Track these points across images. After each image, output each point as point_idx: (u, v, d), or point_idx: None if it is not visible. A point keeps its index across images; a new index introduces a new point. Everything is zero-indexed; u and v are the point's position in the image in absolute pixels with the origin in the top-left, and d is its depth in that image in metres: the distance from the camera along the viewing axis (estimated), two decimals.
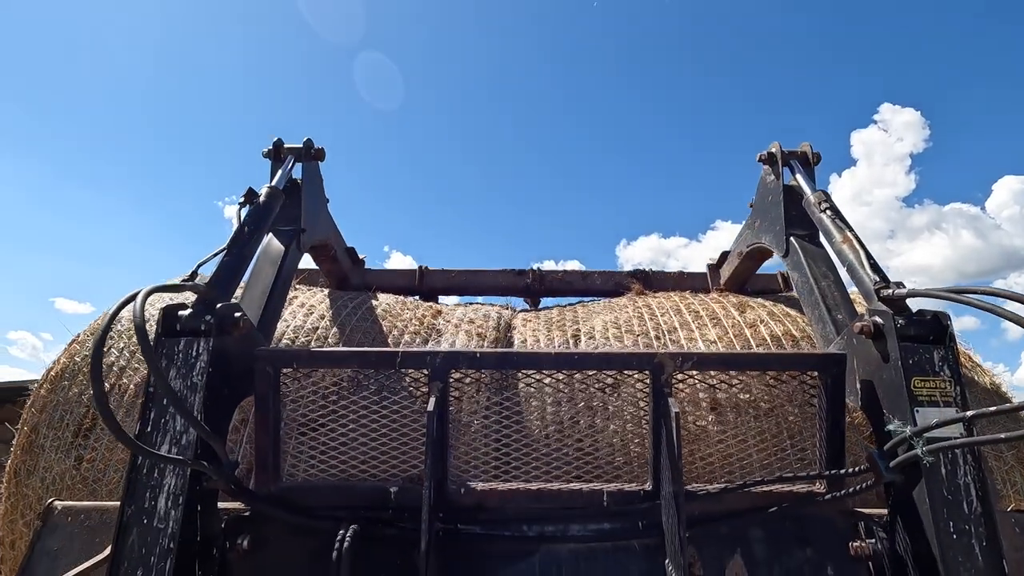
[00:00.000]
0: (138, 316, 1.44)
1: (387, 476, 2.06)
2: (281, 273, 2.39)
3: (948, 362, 1.74)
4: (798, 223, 2.59)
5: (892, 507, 1.78)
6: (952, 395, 1.71)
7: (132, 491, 1.61)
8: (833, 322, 2.19)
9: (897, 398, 1.74)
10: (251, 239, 2.20)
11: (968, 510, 1.61)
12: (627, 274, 3.68)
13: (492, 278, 3.73)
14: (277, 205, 2.43)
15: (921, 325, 1.78)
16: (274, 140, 2.74)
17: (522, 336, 2.96)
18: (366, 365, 1.91)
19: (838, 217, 2.26)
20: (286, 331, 2.67)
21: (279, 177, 2.57)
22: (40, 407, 2.46)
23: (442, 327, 2.93)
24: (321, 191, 3.01)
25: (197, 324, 1.77)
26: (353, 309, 2.92)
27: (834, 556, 1.84)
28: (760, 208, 2.89)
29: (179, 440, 1.65)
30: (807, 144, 2.72)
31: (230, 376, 1.81)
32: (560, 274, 3.75)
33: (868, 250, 2.06)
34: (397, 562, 1.83)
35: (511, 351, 1.93)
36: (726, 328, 2.71)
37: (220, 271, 2.00)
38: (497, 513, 1.90)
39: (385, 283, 3.59)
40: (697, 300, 3.06)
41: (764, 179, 2.86)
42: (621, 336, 2.80)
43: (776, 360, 1.94)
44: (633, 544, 1.86)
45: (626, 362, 1.92)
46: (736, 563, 1.84)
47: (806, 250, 2.48)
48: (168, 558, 1.54)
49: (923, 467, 1.63)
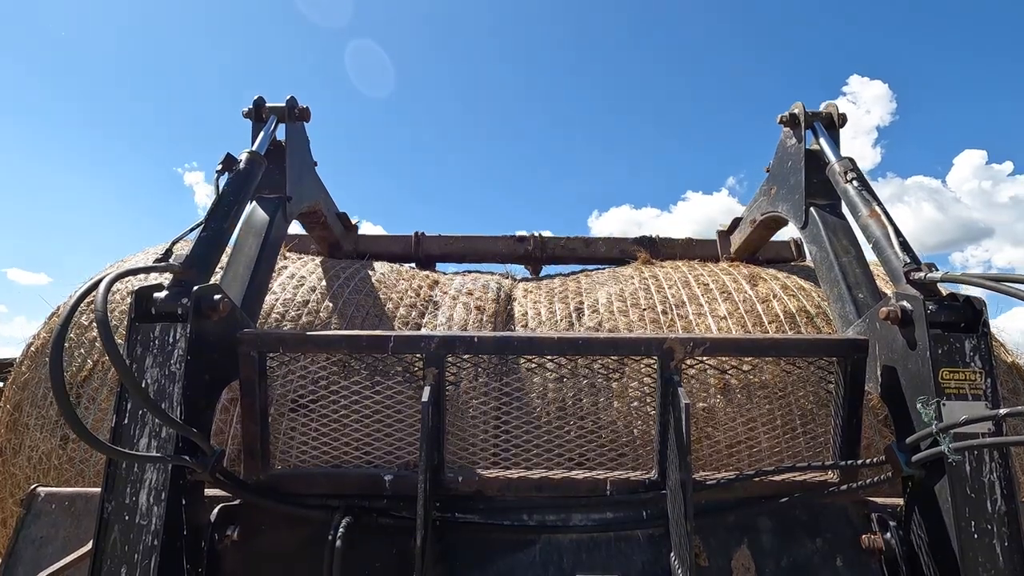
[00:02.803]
0: (100, 308, 1.31)
1: (381, 462, 1.99)
2: (266, 245, 2.24)
3: (980, 352, 1.62)
4: (819, 192, 2.42)
5: (909, 500, 1.70)
6: (982, 387, 1.60)
7: (111, 486, 1.53)
8: (853, 302, 2.06)
9: (923, 389, 1.62)
10: (232, 210, 2.03)
11: (992, 509, 1.53)
12: (632, 241, 3.52)
13: (491, 244, 3.57)
14: (259, 171, 2.25)
15: (953, 311, 1.65)
16: (255, 98, 2.53)
17: (523, 308, 2.84)
18: (357, 350, 1.79)
19: (865, 188, 2.09)
20: (275, 304, 2.55)
21: (261, 140, 2.37)
22: (22, 384, 2.37)
23: (439, 299, 2.80)
24: (308, 153, 2.81)
25: (173, 308, 1.64)
26: (346, 280, 2.79)
27: (844, 547, 1.79)
28: (778, 174, 2.70)
29: (159, 432, 1.56)
30: (833, 104, 2.51)
31: (212, 361, 1.70)
32: (563, 240, 3.58)
33: (897, 227, 1.90)
34: (393, 551, 1.78)
35: (511, 335, 1.80)
36: (737, 303, 2.58)
37: (197, 248, 1.85)
38: (497, 502, 1.84)
39: (380, 249, 3.44)
40: (706, 271, 2.91)
41: (784, 143, 2.66)
42: (626, 310, 2.67)
43: (794, 346, 1.82)
44: (637, 534, 1.80)
45: (634, 347, 1.80)
46: (743, 554, 1.79)
47: (827, 222, 2.32)
48: (152, 555, 1.47)
49: (947, 464, 1.54)
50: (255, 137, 2.44)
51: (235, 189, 2.09)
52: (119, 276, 1.45)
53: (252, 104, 2.51)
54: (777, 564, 1.77)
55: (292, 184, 2.53)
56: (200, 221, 1.92)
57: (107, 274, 1.43)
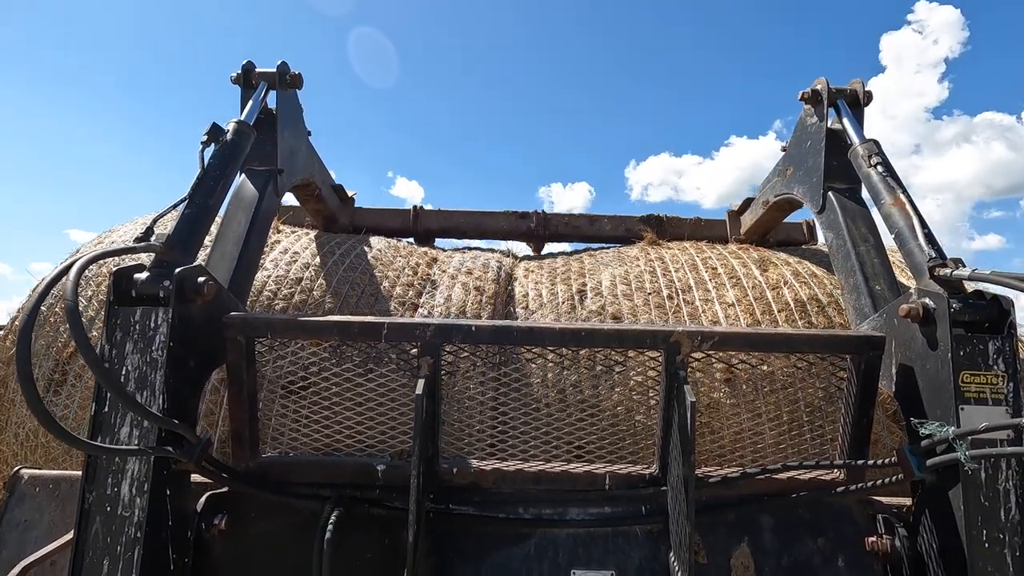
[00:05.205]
0: (70, 296, 1.22)
1: (375, 449, 1.93)
2: (256, 221, 2.13)
3: (1004, 354, 1.54)
4: (839, 175, 2.29)
5: (918, 504, 1.65)
6: (1004, 392, 1.52)
7: (92, 476, 1.47)
8: (870, 294, 1.97)
9: (940, 392, 1.55)
10: (218, 185, 1.92)
11: (1005, 518, 1.47)
12: (638, 219, 3.40)
13: (492, 220, 3.45)
14: (248, 142, 2.12)
15: (978, 310, 1.56)
16: (244, 63, 2.37)
17: (523, 289, 2.75)
18: (349, 337, 1.71)
19: (890, 174, 1.97)
20: (267, 281, 2.46)
21: (250, 108, 2.23)
22: (6, 359, 2.31)
23: (437, 278, 2.71)
24: (300, 122, 2.67)
25: (154, 290, 1.55)
26: (341, 256, 2.69)
27: (846, 547, 1.74)
28: (795, 154, 2.57)
29: (141, 420, 1.49)
30: (858, 81, 2.35)
31: (198, 346, 1.62)
32: (566, 218, 3.46)
33: (923, 217, 1.79)
34: (385, 542, 1.74)
35: (510, 324, 1.72)
36: (746, 289, 2.49)
37: (181, 226, 1.74)
38: (492, 494, 1.79)
39: (377, 223, 3.33)
40: (715, 254, 2.81)
41: (804, 120, 2.52)
42: (631, 293, 2.58)
43: (807, 341, 1.74)
44: (635, 530, 1.76)
45: (639, 340, 1.72)
46: (742, 552, 1.75)
47: (845, 208, 2.21)
48: (135, 548, 1.43)
49: (962, 471, 1.48)
50: (244, 105, 2.30)
51: (222, 162, 1.97)
52: (92, 260, 1.36)
53: (241, 69, 2.36)
54: (777, 563, 1.73)
55: (284, 156, 2.40)
56: (184, 196, 1.81)
57: (79, 257, 1.34)
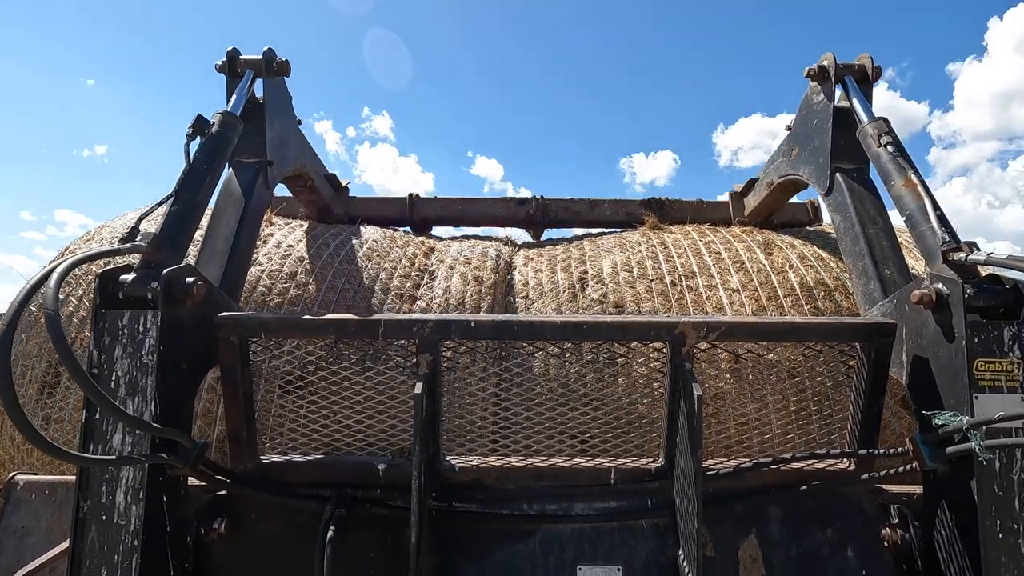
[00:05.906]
0: (50, 304, 1.17)
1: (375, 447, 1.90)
2: (247, 216, 2.07)
3: (1020, 341, 1.49)
4: (846, 155, 2.22)
5: (929, 493, 1.62)
6: (1019, 379, 1.48)
7: (85, 485, 1.44)
8: (879, 278, 1.92)
9: (954, 380, 1.51)
10: (205, 180, 1.85)
11: (1019, 508, 1.44)
12: (640, 203, 3.33)
13: (490, 207, 3.38)
14: (234, 134, 2.05)
15: (994, 295, 1.50)
16: (228, 50, 2.28)
17: (523, 277, 2.70)
18: (345, 335, 1.67)
19: (900, 154, 1.89)
20: (261, 277, 2.40)
21: (236, 99, 2.15)
22: None
23: (435, 268, 2.66)
24: (290, 111, 2.59)
25: (142, 293, 1.50)
26: (336, 249, 2.63)
27: (855, 537, 1.72)
28: (801, 133, 2.49)
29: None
30: (867, 56, 2.26)
31: (190, 347, 1.57)
32: (566, 203, 3.39)
33: (935, 199, 1.73)
34: (387, 541, 1.71)
35: (510, 318, 1.67)
36: (751, 274, 2.43)
37: (168, 224, 1.68)
38: (495, 491, 1.76)
39: (372, 213, 3.26)
40: (718, 237, 2.75)
41: (809, 98, 2.43)
42: (633, 280, 2.53)
43: (815, 330, 1.69)
44: (641, 523, 1.74)
45: (643, 332, 1.67)
46: (750, 544, 1.73)
47: (853, 190, 2.14)
48: (133, 556, 1.40)
49: (976, 460, 1.44)
50: (230, 95, 2.22)
51: (208, 155, 1.91)
52: (74, 264, 1.30)
53: (225, 57, 2.27)
54: (786, 554, 1.71)
55: (273, 146, 2.33)
56: (170, 193, 1.75)
57: (61, 261, 1.29)
